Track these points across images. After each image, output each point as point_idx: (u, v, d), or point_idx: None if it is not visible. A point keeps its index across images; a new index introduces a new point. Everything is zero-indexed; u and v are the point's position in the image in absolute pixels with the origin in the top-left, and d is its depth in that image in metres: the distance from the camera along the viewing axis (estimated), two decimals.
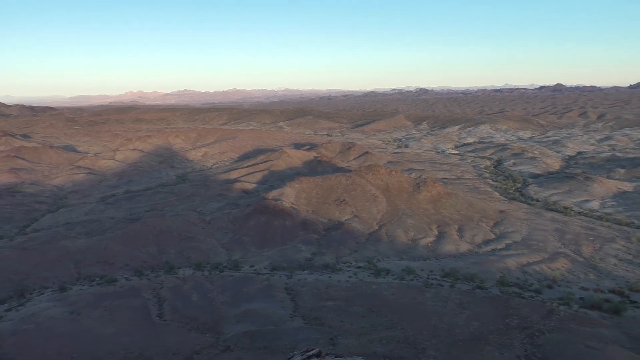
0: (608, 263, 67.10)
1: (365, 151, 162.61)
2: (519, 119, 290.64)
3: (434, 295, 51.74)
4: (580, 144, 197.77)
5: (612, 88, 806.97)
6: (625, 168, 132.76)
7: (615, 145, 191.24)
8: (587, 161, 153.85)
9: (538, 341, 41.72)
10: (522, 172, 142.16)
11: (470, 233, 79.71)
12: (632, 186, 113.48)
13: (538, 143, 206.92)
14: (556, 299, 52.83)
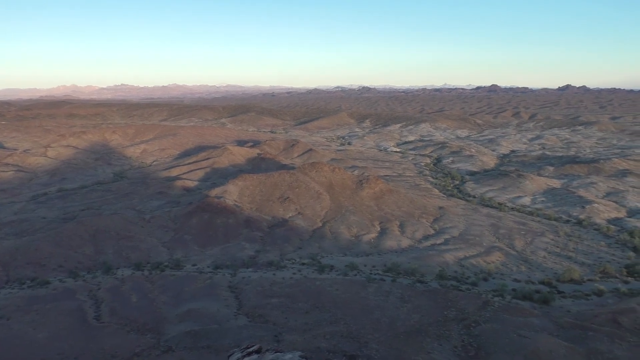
0: (538, 256, 70.84)
1: (309, 148, 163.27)
2: (457, 118, 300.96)
3: (377, 290, 52.84)
4: (514, 143, 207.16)
5: (542, 90, 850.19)
6: (554, 166, 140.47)
7: (545, 144, 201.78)
8: (519, 159, 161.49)
9: (474, 331, 43.54)
10: (460, 169, 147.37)
11: (411, 229, 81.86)
12: (560, 183, 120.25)
13: (475, 142, 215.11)
14: (491, 291, 55.28)
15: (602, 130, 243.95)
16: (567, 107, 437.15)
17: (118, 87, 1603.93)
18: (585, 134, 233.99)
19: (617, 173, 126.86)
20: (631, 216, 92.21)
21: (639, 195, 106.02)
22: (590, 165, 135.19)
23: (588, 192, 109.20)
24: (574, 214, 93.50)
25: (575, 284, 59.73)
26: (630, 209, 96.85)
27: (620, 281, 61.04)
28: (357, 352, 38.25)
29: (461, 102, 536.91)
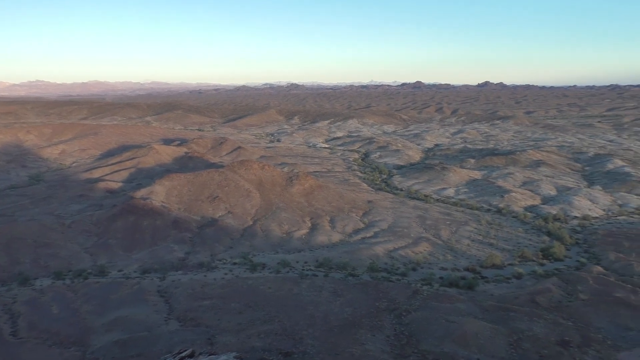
0: (463, 244, 74.04)
1: (237, 146, 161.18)
2: (384, 114, 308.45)
3: (310, 286, 53.07)
4: (438, 137, 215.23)
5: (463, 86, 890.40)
6: (475, 158, 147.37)
7: (466, 138, 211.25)
8: (443, 152, 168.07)
9: (405, 320, 44.80)
10: (388, 163, 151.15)
11: (341, 223, 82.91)
12: (481, 174, 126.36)
13: (401, 136, 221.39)
14: (420, 280, 57.17)
15: (518, 124, 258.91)
16: (486, 103, 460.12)
17: (33, 84, 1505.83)
18: (502, 128, 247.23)
19: (531, 164, 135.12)
20: (545, 203, 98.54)
21: (552, 183, 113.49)
22: (507, 157, 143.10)
23: (506, 182, 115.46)
24: (494, 203, 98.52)
25: (497, 268, 63.02)
26: (544, 196, 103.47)
27: (537, 264, 65.12)
28: (292, 349, 38.23)
29: (387, 99, 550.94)
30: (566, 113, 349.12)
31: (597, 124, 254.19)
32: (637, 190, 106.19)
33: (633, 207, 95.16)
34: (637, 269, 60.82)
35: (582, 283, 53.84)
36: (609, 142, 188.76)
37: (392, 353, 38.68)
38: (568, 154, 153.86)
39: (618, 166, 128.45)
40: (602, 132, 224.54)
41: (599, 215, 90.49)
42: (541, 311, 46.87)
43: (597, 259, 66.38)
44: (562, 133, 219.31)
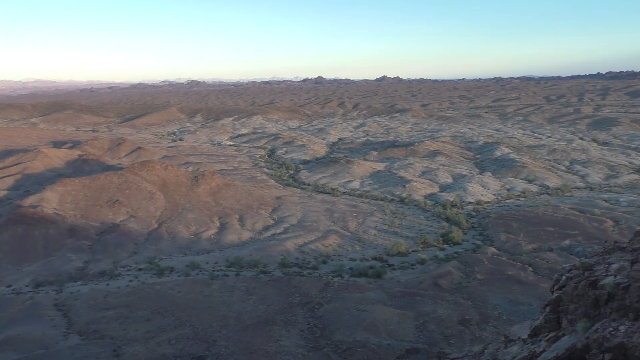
0: (370, 234, 76.43)
1: (137, 147, 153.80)
2: (288, 109, 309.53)
3: (221, 287, 52.02)
4: (341, 131, 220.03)
5: (363, 81, 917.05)
6: (377, 150, 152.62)
7: (368, 131, 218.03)
8: (347, 146, 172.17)
9: (318, 313, 45.38)
10: (294, 159, 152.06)
11: (251, 221, 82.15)
12: (383, 166, 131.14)
13: (306, 132, 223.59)
14: (331, 272, 58.20)
15: (415, 116, 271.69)
16: (385, 97, 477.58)
17: None
18: (401, 120, 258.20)
19: (429, 154, 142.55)
20: (443, 191, 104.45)
21: (448, 172, 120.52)
22: (407, 148, 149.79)
23: (407, 172, 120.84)
24: (397, 193, 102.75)
25: (402, 256, 65.81)
26: (442, 184, 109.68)
27: (438, 249, 68.91)
28: (205, 353, 37.25)
29: (290, 94, 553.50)
30: (457, 105, 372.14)
31: (484, 114, 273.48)
32: (522, 175, 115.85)
33: (519, 190, 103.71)
34: (525, 248, 66.43)
35: (478, 264, 57.78)
36: (495, 131, 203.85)
37: (307, 347, 39.03)
38: (461, 144, 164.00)
39: (504, 153, 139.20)
40: (490, 122, 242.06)
41: (491, 200, 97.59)
42: (444, 293, 49.66)
43: (490, 241, 71.59)
44: (455, 124, 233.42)
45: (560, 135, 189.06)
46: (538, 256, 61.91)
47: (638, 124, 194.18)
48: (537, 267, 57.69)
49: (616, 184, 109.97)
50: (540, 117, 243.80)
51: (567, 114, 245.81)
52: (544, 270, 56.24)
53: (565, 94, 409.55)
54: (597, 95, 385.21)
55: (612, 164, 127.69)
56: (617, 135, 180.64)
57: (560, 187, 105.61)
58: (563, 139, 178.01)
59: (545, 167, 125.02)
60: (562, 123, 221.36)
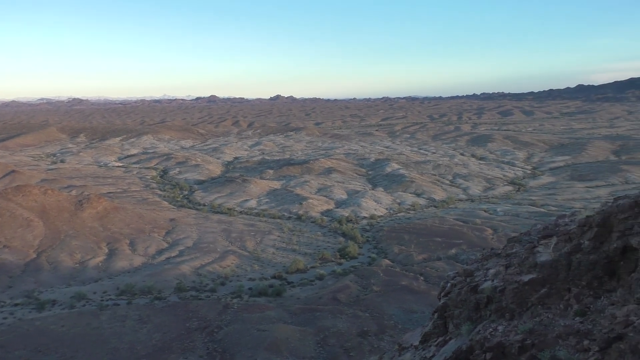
0: (268, 253, 76.14)
1: (11, 170, 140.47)
2: (180, 128, 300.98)
3: (111, 317, 48.78)
4: (236, 150, 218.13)
5: (257, 99, 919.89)
6: (273, 169, 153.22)
7: (264, 150, 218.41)
8: (243, 165, 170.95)
9: (218, 336, 44.15)
10: (188, 179, 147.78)
11: (143, 245, 78.25)
12: (280, 184, 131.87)
13: (200, 151, 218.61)
14: (230, 294, 57.01)
15: (309, 134, 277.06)
16: (280, 115, 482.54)
17: None
18: (296, 139, 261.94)
19: (324, 171, 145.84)
20: (338, 207, 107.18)
21: (343, 188, 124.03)
22: (302, 165, 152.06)
23: (303, 189, 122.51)
24: (294, 211, 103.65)
25: (301, 272, 66.27)
26: (337, 201, 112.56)
27: (335, 264, 70.35)
28: None
29: (182, 113, 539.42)
30: (349, 123, 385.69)
31: (375, 132, 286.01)
32: (411, 189, 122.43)
33: (409, 204, 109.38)
34: (417, 258, 70.01)
35: (374, 276, 59.85)
36: (386, 148, 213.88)
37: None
38: (354, 161, 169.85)
39: (395, 169, 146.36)
40: (380, 139, 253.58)
41: (383, 214, 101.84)
42: (343, 307, 50.70)
43: (385, 253, 74.52)
44: (348, 141, 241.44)
45: (443, 151, 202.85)
46: (428, 265, 65.56)
47: (509, 140, 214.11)
48: (427, 276, 61.02)
49: (493, 195, 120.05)
50: (426, 135, 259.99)
51: (448, 132, 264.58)
52: (433, 278, 59.57)
53: (447, 113, 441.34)
54: (474, 114, 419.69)
55: (489, 177, 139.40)
56: (492, 150, 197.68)
57: (445, 200, 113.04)
58: (446, 154, 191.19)
59: (431, 181, 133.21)
60: (445, 140, 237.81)
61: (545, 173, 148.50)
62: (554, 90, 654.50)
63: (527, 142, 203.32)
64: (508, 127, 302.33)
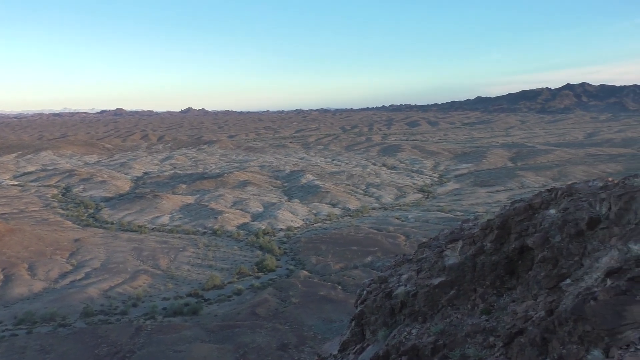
0: (183, 270, 73.71)
1: None
2: (84, 143, 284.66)
3: (8, 349, 44.78)
4: (146, 165, 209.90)
5: (167, 112, 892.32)
6: (186, 183, 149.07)
7: (176, 164, 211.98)
8: (153, 180, 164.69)
9: None
10: (94, 196, 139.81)
11: (44, 269, 72.76)
12: (194, 199, 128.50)
13: (106, 167, 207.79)
14: (142, 316, 54.43)
15: (223, 147, 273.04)
16: (191, 128, 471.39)
17: None
18: (209, 152, 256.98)
19: (239, 184, 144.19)
20: (255, 220, 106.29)
21: (258, 201, 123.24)
22: (217, 179, 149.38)
23: (218, 203, 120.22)
24: (209, 225, 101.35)
25: (218, 289, 64.82)
26: (253, 214, 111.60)
27: (253, 278, 69.54)
28: None
29: (86, 127, 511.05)
30: (263, 136, 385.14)
31: (289, 144, 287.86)
32: (326, 200, 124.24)
33: (325, 214, 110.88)
34: (334, 268, 71.00)
35: (293, 288, 59.87)
36: (300, 160, 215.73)
37: None
38: (269, 173, 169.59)
39: (310, 180, 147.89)
40: (294, 151, 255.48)
41: (300, 225, 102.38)
42: (262, 321, 50.16)
43: (302, 265, 74.84)
44: (262, 154, 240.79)
45: (356, 161, 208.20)
46: (345, 274, 66.71)
47: (417, 149, 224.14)
48: (345, 284, 62.03)
49: (404, 202, 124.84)
50: (339, 146, 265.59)
51: (360, 142, 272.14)
52: (351, 287, 60.64)
53: (358, 124, 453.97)
54: (384, 125, 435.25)
55: (400, 186, 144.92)
56: (402, 160, 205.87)
57: (359, 209, 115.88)
58: (359, 164, 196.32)
59: (345, 191, 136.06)
60: (357, 150, 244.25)
61: (451, 180, 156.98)
62: (455, 101, 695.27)
63: (433, 151, 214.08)
64: (416, 137, 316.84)
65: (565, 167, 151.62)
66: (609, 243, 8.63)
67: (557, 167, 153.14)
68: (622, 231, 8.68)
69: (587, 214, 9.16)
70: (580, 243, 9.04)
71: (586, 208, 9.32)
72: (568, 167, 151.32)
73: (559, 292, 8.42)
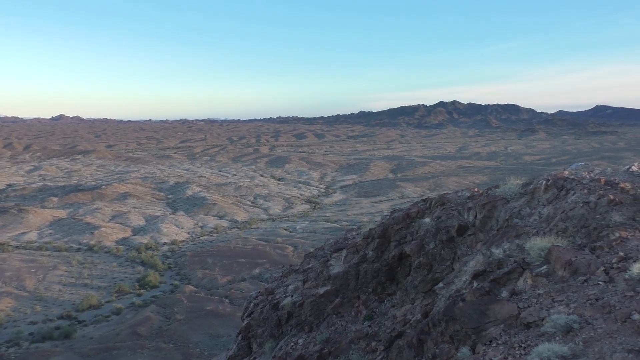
0: (53, 291, 67.61)
1: None
2: None
3: None
4: (10, 176, 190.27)
5: (35, 119, 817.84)
6: (57, 196, 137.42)
7: (45, 175, 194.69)
8: (19, 193, 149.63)
9: None
10: None
11: None
12: (66, 212, 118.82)
13: None
14: (5, 343, 49.00)
15: (100, 157, 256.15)
16: (64, 137, 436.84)
17: None
18: (85, 162, 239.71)
19: (119, 196, 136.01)
20: (136, 234, 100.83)
21: (140, 214, 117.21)
22: (93, 191, 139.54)
23: (95, 217, 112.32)
24: (85, 241, 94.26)
25: (95, 309, 60.34)
26: (134, 228, 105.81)
27: (135, 295, 65.77)
28: None
29: None
30: (145, 146, 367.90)
31: (174, 155, 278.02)
32: (213, 212, 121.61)
33: (211, 227, 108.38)
34: (221, 281, 69.55)
35: (178, 304, 57.61)
36: (185, 171, 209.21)
37: None
38: (152, 185, 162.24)
39: (195, 192, 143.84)
40: (179, 162, 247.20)
41: (185, 239, 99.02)
42: (144, 341, 47.57)
43: (188, 279, 72.35)
44: (144, 165, 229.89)
45: (244, 173, 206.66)
46: (233, 287, 65.61)
47: (305, 161, 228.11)
48: (233, 298, 60.97)
49: (292, 213, 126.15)
50: (226, 157, 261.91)
51: (248, 154, 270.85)
52: (239, 300, 59.73)
53: (245, 135, 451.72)
54: (271, 136, 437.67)
55: (288, 197, 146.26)
56: (290, 171, 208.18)
57: (247, 221, 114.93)
58: (246, 176, 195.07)
59: (233, 203, 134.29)
60: (245, 162, 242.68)
61: (337, 191, 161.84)
62: (340, 115, 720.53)
63: (320, 163, 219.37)
64: (303, 149, 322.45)
65: (440, 178, 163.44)
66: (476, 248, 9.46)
67: (433, 178, 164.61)
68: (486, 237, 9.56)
69: (456, 222, 9.96)
70: (451, 249, 9.80)
71: (456, 216, 10.13)
72: (442, 178, 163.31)
73: (434, 295, 9.04)
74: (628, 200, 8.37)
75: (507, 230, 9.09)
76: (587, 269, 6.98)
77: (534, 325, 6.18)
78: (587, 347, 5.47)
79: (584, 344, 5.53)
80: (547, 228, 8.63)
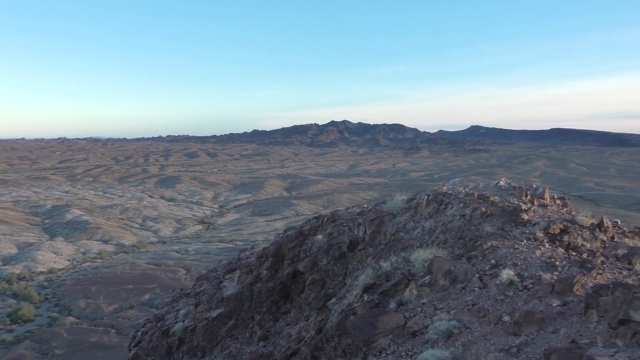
0: None
1: None
2: None
3: None
4: None
5: None
6: None
7: None
8: None
9: None
10: None
11: None
12: None
13: None
14: None
15: None
16: None
17: None
18: None
19: None
20: (6, 264, 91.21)
21: (11, 242, 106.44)
22: None
23: None
24: None
25: None
26: (5, 256, 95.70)
27: (5, 331, 59.27)
28: None
29: None
30: (18, 167, 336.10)
31: (51, 176, 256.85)
32: (97, 236, 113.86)
33: (95, 252, 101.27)
34: (107, 310, 65.06)
35: (56, 338, 52.91)
36: (65, 193, 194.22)
37: None
38: (25, 209, 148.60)
39: (77, 215, 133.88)
40: (57, 183, 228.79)
41: (65, 266, 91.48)
42: None
43: (68, 310, 66.77)
44: (16, 187, 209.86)
45: (131, 194, 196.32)
46: (120, 316, 61.65)
47: (197, 181, 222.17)
48: (119, 327, 57.27)
49: (184, 235, 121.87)
50: (111, 178, 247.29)
51: (136, 174, 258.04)
52: (126, 329, 56.19)
53: (133, 154, 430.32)
54: (161, 156, 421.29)
55: (179, 218, 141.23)
56: (181, 191, 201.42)
57: (136, 244, 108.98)
58: (134, 197, 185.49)
59: (119, 226, 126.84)
60: (132, 182, 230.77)
61: (231, 210, 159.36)
62: (234, 134, 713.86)
63: (213, 183, 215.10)
64: (195, 168, 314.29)
65: (333, 196, 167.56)
66: (366, 262, 9.82)
67: (326, 196, 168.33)
68: (375, 251, 9.96)
69: (347, 238, 10.27)
70: (343, 264, 10.07)
71: (347, 232, 10.45)
72: (335, 196, 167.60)
73: (327, 311, 9.20)
74: (497, 212, 9.22)
75: (394, 244, 9.56)
76: (465, 277, 7.54)
77: (419, 333, 6.53)
78: (466, 349, 5.89)
79: (463, 347, 5.94)
80: (430, 240, 9.22)
